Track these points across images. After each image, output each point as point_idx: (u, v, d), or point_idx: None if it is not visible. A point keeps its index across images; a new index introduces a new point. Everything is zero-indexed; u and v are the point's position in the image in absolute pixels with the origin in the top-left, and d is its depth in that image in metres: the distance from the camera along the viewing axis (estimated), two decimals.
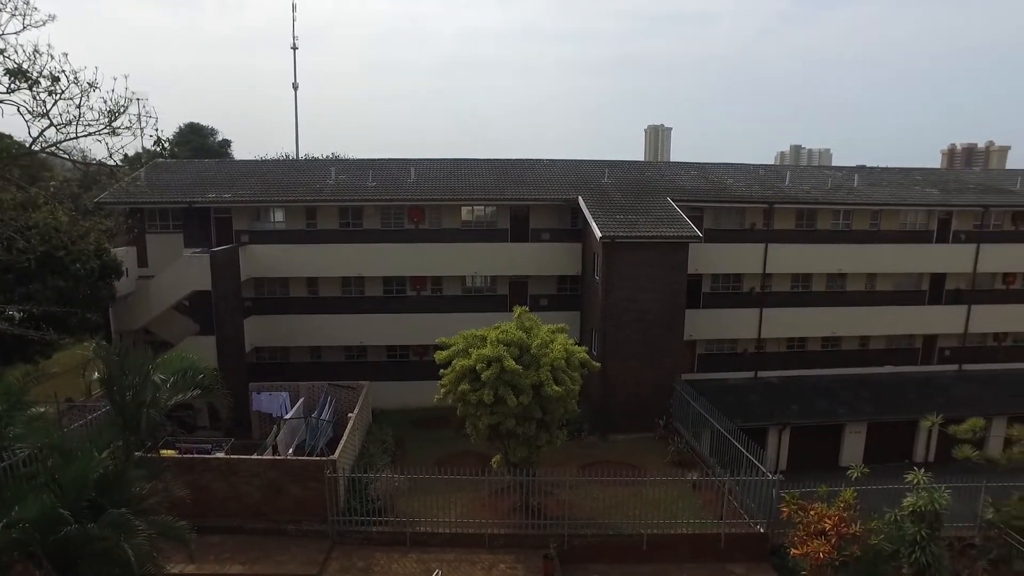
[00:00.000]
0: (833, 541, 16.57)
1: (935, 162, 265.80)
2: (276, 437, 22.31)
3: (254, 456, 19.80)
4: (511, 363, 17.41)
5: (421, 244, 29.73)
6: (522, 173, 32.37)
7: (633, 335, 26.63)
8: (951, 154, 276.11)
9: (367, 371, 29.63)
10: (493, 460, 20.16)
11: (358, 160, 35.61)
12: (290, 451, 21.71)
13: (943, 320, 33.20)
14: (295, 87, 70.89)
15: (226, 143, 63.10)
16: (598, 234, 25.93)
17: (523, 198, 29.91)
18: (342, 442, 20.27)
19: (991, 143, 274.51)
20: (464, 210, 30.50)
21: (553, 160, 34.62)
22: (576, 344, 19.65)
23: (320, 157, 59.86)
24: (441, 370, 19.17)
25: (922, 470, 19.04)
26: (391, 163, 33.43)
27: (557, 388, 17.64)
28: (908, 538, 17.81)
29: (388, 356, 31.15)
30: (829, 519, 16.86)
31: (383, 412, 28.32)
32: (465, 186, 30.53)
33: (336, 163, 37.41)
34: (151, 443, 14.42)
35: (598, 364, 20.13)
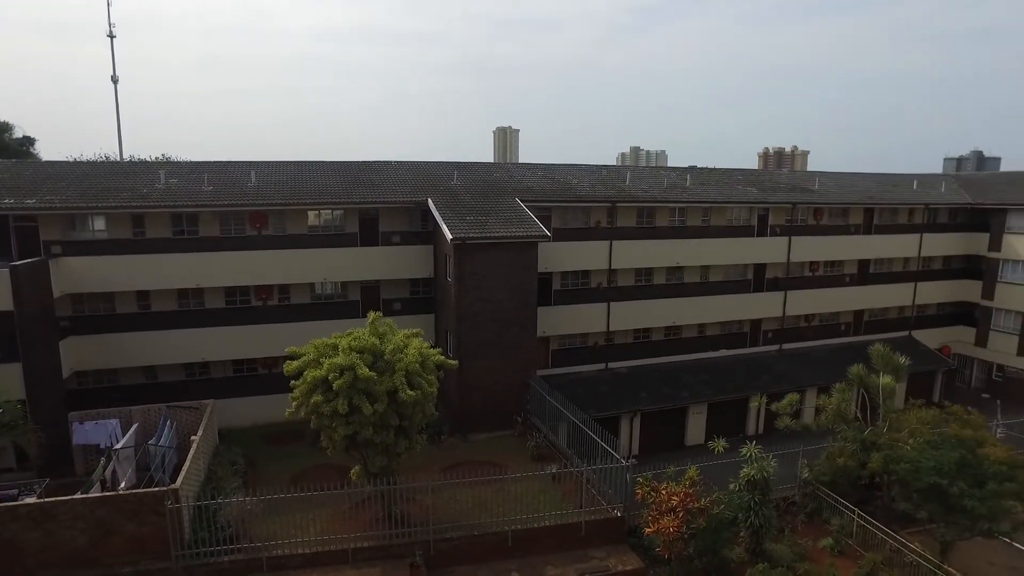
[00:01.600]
0: (682, 516, 17.77)
1: (753, 163, 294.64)
2: (105, 471, 20.07)
3: (77, 496, 17.61)
4: (364, 371, 16.92)
5: (266, 251, 28.10)
6: (370, 175, 31.62)
7: (488, 335, 26.93)
8: (765, 156, 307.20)
9: (212, 388, 27.65)
10: (352, 471, 19.52)
11: (193, 162, 32.94)
12: (122, 484, 19.62)
13: (765, 305, 36.77)
14: (115, 80, 63.91)
15: (28, 140, 55.53)
16: (448, 236, 25.94)
17: (371, 201, 29.22)
18: (185, 468, 18.65)
19: (795, 148, 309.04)
20: (311, 214, 29.26)
21: (401, 162, 34.15)
22: (432, 347, 19.51)
23: (149, 159, 54.79)
24: (292, 382, 18.23)
25: (754, 442, 21.05)
26: (230, 166, 31.26)
27: (412, 393, 17.39)
28: (744, 505, 19.62)
29: (235, 371, 29.16)
30: (677, 496, 18.07)
31: (232, 431, 26.53)
32: (311, 189, 29.27)
33: (167, 165, 34.39)
34: None
35: (454, 362, 20.10)
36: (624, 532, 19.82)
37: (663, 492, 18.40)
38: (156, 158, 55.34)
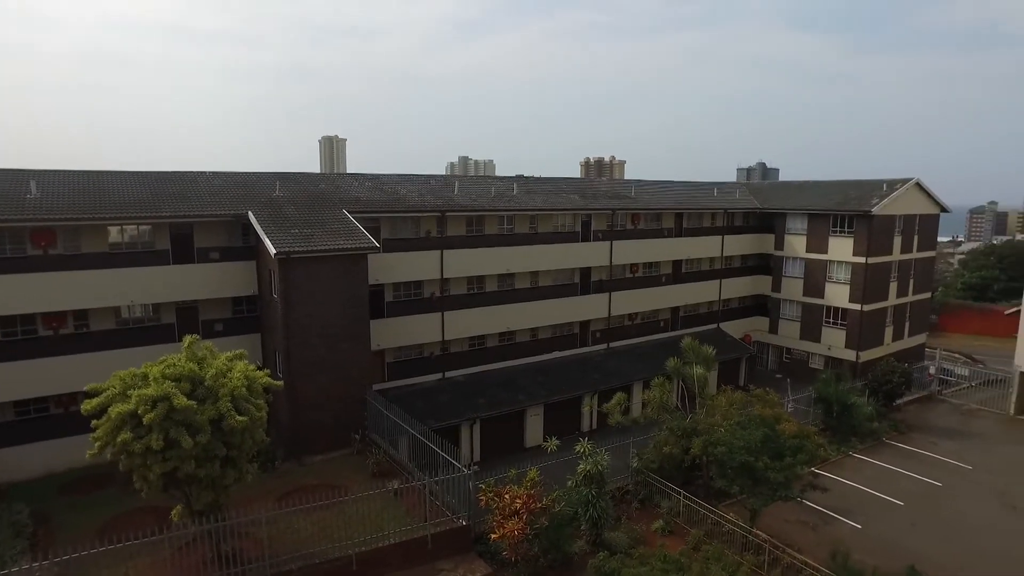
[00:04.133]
0: (525, 518, 18.13)
1: (576, 172, 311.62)
2: None
3: None
4: (182, 400, 15.42)
5: (54, 273, 24.65)
6: (182, 187, 28.97)
7: (319, 351, 25.81)
8: (587, 166, 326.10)
9: None
10: (173, 512, 17.72)
11: None
12: None
13: (592, 307, 38.81)
14: None
15: None
16: (272, 250, 24.53)
17: (184, 214, 26.80)
18: None
19: (613, 158, 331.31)
20: (113, 231, 26.20)
21: (218, 172, 31.69)
22: (259, 368, 18.30)
23: None
24: (94, 421, 16.15)
25: (588, 439, 22.05)
26: (1, 175, 27.05)
27: (241, 419, 16.15)
28: (583, 499, 20.46)
29: (18, 414, 25.16)
30: (520, 499, 18.41)
31: (17, 485, 23.01)
32: (111, 203, 26.12)
33: None
34: None
35: (280, 383, 19.00)
36: (471, 540, 19.84)
37: (506, 496, 18.67)
38: None
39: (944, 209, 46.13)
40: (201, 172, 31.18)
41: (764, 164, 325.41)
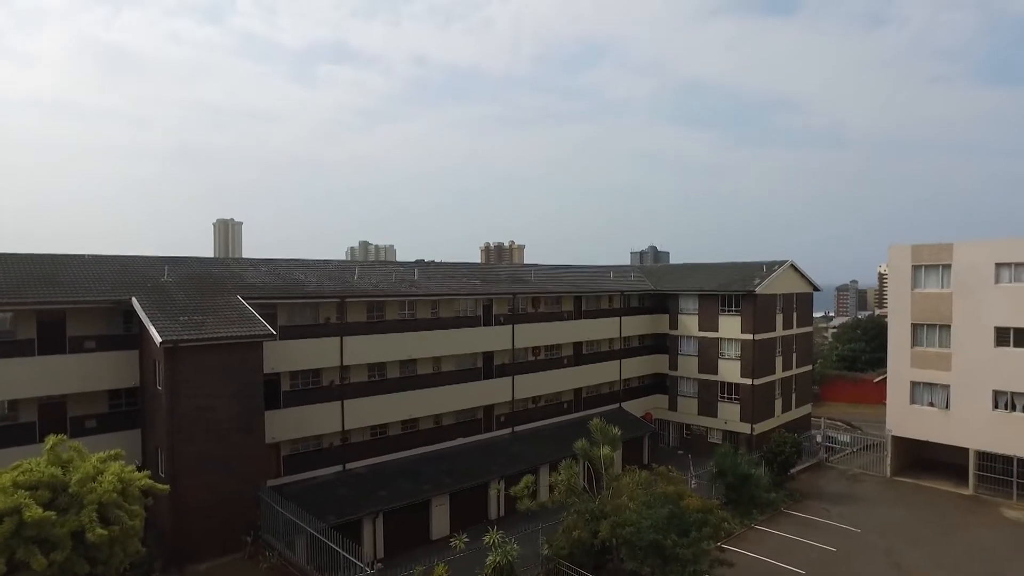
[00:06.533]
0: None
1: (476, 257, 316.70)
2: None
3: None
4: (35, 511, 13.64)
5: None
6: (54, 270, 26.85)
7: (207, 447, 23.96)
8: (487, 250, 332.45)
9: None
10: None
11: None
12: None
13: (496, 391, 38.49)
14: None
15: None
16: (158, 339, 22.97)
17: (53, 301, 24.73)
18: None
19: (512, 242, 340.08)
20: None
21: (98, 256, 29.68)
22: (137, 468, 16.68)
23: None
24: None
25: (496, 528, 21.36)
26: None
27: (104, 531, 14.40)
28: None
29: None
30: None
31: None
32: None
33: None
34: None
35: (165, 487, 17.34)
36: None
37: None
38: None
39: (816, 288, 50.10)
40: (78, 255, 29.11)
41: (655, 247, 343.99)
